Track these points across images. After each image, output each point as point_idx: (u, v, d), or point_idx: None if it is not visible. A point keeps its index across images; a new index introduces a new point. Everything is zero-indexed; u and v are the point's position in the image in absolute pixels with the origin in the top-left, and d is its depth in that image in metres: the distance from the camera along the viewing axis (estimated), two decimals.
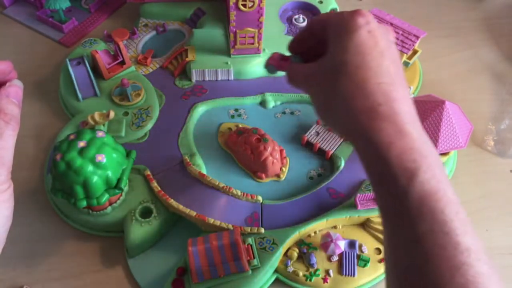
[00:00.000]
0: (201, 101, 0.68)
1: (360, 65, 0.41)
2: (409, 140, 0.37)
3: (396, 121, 0.38)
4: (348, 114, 0.41)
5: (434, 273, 0.34)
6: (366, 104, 0.40)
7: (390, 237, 0.38)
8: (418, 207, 0.35)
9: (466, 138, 0.59)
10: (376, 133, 0.38)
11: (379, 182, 0.39)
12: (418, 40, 0.69)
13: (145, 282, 0.53)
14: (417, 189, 0.36)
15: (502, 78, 0.77)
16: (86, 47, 0.71)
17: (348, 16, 0.44)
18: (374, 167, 0.39)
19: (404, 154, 0.37)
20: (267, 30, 0.70)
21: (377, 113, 0.39)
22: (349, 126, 0.41)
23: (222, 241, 0.50)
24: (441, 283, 0.33)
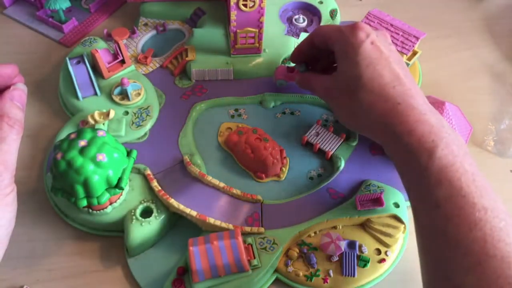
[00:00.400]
0: (201, 100, 0.68)
1: (373, 76, 0.48)
2: (427, 126, 0.44)
3: (415, 114, 0.45)
4: (372, 118, 0.48)
5: (453, 230, 0.38)
6: (387, 106, 0.46)
7: (416, 208, 0.44)
8: (437, 178, 0.41)
9: (466, 140, 0.59)
10: (398, 127, 0.45)
11: (404, 163, 0.45)
12: (418, 41, 0.69)
13: (145, 281, 0.53)
14: (435, 163, 0.41)
15: (502, 78, 0.77)
16: (86, 46, 0.71)
17: (349, 33, 0.51)
18: (400, 153, 0.45)
19: (423, 137, 0.43)
20: (267, 30, 0.70)
21: (397, 111, 0.45)
22: (374, 127, 0.48)
23: (222, 241, 0.50)
24: (460, 238, 0.37)
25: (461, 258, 0.37)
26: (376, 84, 0.47)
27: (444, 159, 0.41)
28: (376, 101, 0.47)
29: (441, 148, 0.42)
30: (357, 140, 0.64)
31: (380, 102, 0.47)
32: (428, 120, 0.44)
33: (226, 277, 0.50)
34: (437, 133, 0.43)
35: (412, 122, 0.44)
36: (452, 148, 0.43)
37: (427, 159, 0.42)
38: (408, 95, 0.46)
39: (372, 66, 0.48)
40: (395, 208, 0.57)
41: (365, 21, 0.72)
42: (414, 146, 0.43)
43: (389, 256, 0.55)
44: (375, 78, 0.47)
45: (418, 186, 0.43)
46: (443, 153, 0.42)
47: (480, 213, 0.38)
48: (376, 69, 0.48)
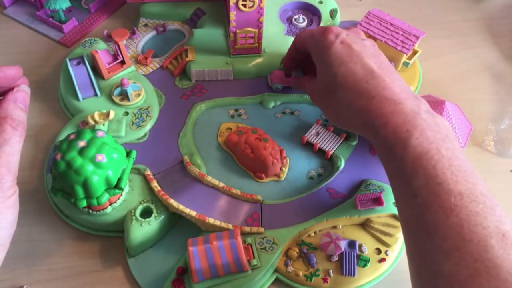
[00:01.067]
0: (201, 101, 0.68)
1: (346, 74, 0.49)
2: (401, 115, 0.44)
3: (389, 105, 0.45)
4: (352, 116, 0.48)
5: (431, 218, 0.38)
6: (363, 102, 0.46)
7: (397, 200, 0.44)
8: (413, 167, 0.41)
9: (466, 138, 0.59)
10: (375, 121, 0.45)
11: (384, 156, 0.45)
12: (418, 40, 0.69)
13: (145, 281, 0.53)
14: (410, 152, 0.41)
15: (501, 78, 0.77)
16: (86, 47, 0.71)
17: (320, 36, 0.53)
18: (379, 147, 0.46)
19: (398, 128, 0.43)
20: (267, 30, 0.70)
21: (372, 105, 0.45)
22: (357, 124, 0.49)
23: (222, 241, 0.50)
24: (438, 226, 0.37)
25: (439, 245, 0.37)
26: (350, 81, 0.48)
27: (418, 147, 0.41)
28: (352, 98, 0.47)
29: (415, 137, 0.42)
30: (357, 139, 0.64)
31: (356, 98, 0.47)
32: (403, 110, 0.44)
33: (226, 277, 0.50)
34: (412, 121, 0.43)
35: (387, 114, 0.44)
36: (427, 135, 0.42)
37: (402, 150, 0.42)
38: (382, 86, 0.46)
39: (344, 65, 0.49)
40: (395, 207, 0.56)
41: (365, 20, 0.72)
42: (390, 138, 0.43)
43: (389, 256, 0.55)
44: (348, 76, 0.48)
45: (397, 178, 0.43)
46: (417, 141, 0.41)
47: (456, 199, 0.38)
48: (348, 66, 0.49)
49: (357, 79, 0.48)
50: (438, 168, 0.40)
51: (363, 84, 0.47)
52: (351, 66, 0.49)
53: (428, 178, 0.40)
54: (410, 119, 0.43)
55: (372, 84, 0.47)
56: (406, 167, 0.41)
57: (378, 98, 0.45)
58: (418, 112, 0.44)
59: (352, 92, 0.48)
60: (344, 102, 0.49)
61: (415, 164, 0.41)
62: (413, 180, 0.41)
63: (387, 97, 0.45)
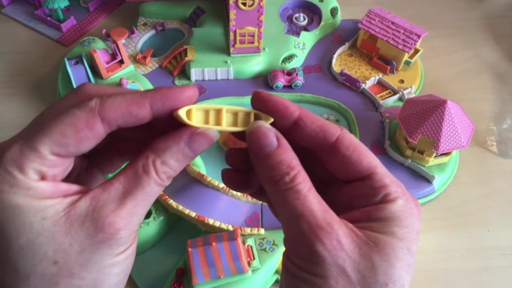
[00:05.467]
0: (200, 100, 0.68)
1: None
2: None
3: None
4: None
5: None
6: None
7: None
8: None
9: (468, 138, 0.59)
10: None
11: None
12: (419, 39, 0.68)
13: (144, 283, 0.53)
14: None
15: (503, 77, 0.76)
16: (84, 46, 0.70)
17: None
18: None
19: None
20: (267, 29, 0.70)
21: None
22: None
23: (222, 242, 0.50)
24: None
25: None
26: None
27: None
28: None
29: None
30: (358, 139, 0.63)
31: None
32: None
33: (226, 278, 0.50)
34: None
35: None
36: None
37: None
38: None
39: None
40: None
41: (366, 19, 0.71)
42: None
43: None
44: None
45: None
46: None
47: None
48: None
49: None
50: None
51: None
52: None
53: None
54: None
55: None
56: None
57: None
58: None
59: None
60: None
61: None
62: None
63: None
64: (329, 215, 0.24)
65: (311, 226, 0.24)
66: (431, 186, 0.61)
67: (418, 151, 0.60)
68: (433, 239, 0.58)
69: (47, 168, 0.24)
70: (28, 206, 0.23)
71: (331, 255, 0.23)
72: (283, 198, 0.25)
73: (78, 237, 0.24)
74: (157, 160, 0.26)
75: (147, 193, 0.25)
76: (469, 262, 0.56)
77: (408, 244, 0.25)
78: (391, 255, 0.24)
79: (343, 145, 0.27)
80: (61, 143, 0.24)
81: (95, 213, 0.24)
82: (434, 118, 0.57)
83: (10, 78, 0.73)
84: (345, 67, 0.73)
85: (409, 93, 0.68)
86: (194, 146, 0.26)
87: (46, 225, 0.23)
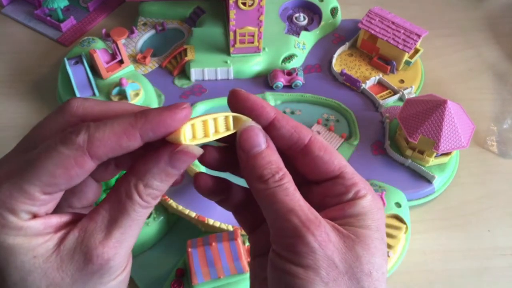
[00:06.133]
0: (200, 100, 0.68)
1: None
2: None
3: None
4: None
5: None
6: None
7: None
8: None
9: (469, 138, 0.59)
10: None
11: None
12: (419, 39, 0.68)
13: (144, 283, 0.53)
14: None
15: (503, 77, 0.76)
16: (84, 46, 0.70)
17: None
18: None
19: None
20: (267, 29, 0.70)
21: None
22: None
23: (221, 242, 0.50)
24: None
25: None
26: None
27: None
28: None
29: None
30: (358, 139, 0.63)
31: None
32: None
33: (226, 279, 0.49)
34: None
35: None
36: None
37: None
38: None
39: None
40: (396, 208, 0.56)
41: (366, 18, 0.71)
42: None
43: (391, 257, 0.54)
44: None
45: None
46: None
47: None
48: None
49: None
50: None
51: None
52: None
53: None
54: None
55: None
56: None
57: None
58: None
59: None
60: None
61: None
62: None
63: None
64: (314, 211, 0.26)
65: (301, 220, 0.25)
66: (431, 186, 0.61)
67: (418, 151, 0.60)
68: (433, 239, 0.58)
69: (38, 208, 0.24)
70: (19, 246, 0.24)
71: (322, 246, 0.24)
72: (272, 195, 0.26)
73: (69, 270, 0.24)
74: (139, 184, 0.25)
75: (133, 219, 0.25)
76: (469, 262, 0.56)
77: (381, 234, 0.27)
78: (371, 245, 0.25)
79: (316, 146, 0.28)
80: (51, 183, 0.24)
81: (83, 245, 0.24)
82: (434, 118, 0.57)
83: (10, 78, 0.73)
84: (345, 67, 0.73)
85: (409, 93, 0.68)
86: (177, 164, 0.26)
87: (38, 263, 0.24)
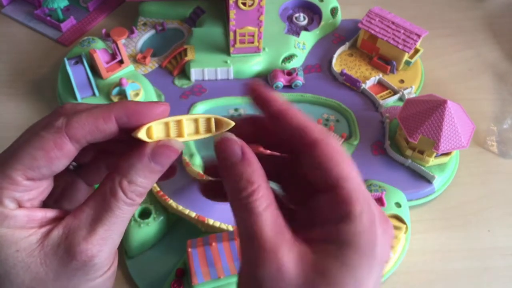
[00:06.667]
0: (200, 100, 0.68)
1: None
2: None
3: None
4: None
5: None
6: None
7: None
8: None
9: (468, 138, 0.59)
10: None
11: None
12: (419, 39, 0.68)
13: (144, 283, 0.53)
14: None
15: (503, 77, 0.76)
16: (84, 46, 0.70)
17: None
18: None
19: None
20: (267, 29, 0.70)
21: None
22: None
23: (221, 242, 0.50)
24: None
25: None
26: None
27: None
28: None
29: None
30: (358, 139, 0.63)
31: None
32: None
33: (226, 279, 0.49)
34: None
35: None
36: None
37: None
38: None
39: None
40: (396, 208, 0.56)
41: (366, 19, 0.71)
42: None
43: (391, 257, 0.54)
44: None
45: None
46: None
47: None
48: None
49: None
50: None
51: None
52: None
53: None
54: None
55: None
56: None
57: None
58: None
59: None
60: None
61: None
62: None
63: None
64: (280, 238, 0.23)
65: (258, 249, 0.23)
66: (431, 186, 0.61)
67: (418, 151, 0.60)
68: (433, 239, 0.58)
69: (21, 194, 0.24)
70: (4, 238, 0.24)
71: (272, 282, 0.22)
72: (239, 213, 0.24)
73: (53, 266, 0.24)
74: (124, 181, 0.25)
75: (117, 216, 0.25)
76: (469, 262, 0.56)
77: (361, 275, 0.23)
78: (337, 287, 0.22)
79: (318, 150, 0.25)
80: (33, 166, 0.24)
81: (67, 241, 0.24)
82: (434, 118, 0.57)
83: (10, 78, 0.73)
84: (345, 67, 0.73)
85: (409, 93, 0.68)
86: (160, 160, 0.26)
87: (21, 257, 0.24)
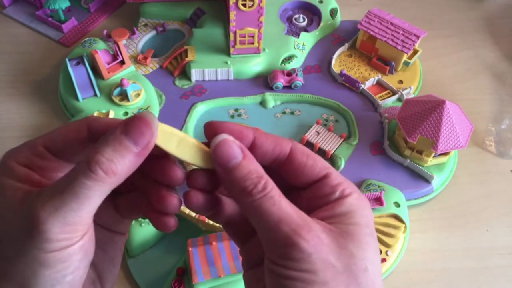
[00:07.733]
0: (200, 101, 0.68)
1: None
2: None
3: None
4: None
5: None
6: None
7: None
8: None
9: (467, 138, 0.59)
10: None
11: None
12: (418, 39, 0.69)
13: (145, 282, 0.53)
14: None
15: (502, 78, 0.76)
16: (85, 46, 0.70)
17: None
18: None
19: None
20: (267, 30, 0.70)
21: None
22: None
23: (222, 241, 0.50)
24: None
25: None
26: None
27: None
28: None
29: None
30: (357, 139, 0.64)
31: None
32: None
33: (226, 277, 0.50)
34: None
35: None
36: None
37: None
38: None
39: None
40: (395, 207, 0.56)
41: (365, 20, 0.72)
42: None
43: (390, 256, 0.54)
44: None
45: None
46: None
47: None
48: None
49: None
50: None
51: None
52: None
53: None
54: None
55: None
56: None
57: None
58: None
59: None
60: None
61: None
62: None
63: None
64: (303, 215, 0.26)
65: (291, 228, 0.25)
66: (430, 186, 0.61)
67: (417, 151, 0.61)
68: (431, 239, 0.58)
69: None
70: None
71: (316, 249, 0.24)
72: (259, 206, 0.25)
73: (17, 221, 0.24)
74: (91, 151, 0.24)
75: (76, 191, 0.24)
76: (467, 262, 0.57)
77: (371, 230, 0.27)
78: (362, 241, 0.26)
79: (298, 153, 0.29)
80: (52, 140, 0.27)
81: (30, 202, 0.24)
82: (433, 118, 0.58)
83: (11, 79, 0.73)
84: (344, 68, 0.73)
85: (408, 94, 0.69)
86: (132, 134, 0.25)
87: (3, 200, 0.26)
